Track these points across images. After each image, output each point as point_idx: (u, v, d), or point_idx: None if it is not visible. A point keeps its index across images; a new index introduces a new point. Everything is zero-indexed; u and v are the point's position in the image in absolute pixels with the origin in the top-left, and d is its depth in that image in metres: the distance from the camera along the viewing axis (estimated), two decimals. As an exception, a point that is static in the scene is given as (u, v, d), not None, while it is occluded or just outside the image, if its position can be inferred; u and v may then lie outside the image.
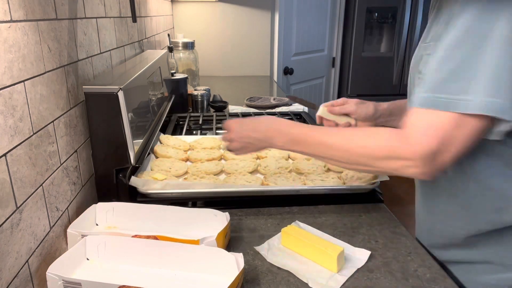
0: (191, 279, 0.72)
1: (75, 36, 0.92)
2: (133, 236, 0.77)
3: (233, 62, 2.95)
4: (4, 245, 0.60)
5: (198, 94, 1.84)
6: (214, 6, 2.80)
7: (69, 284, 0.66)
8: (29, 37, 0.70)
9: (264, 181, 1.06)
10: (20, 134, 0.66)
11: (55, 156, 0.79)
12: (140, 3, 1.66)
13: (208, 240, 0.76)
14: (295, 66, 3.18)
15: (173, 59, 1.75)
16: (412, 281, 0.73)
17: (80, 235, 0.78)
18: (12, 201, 0.63)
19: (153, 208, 0.87)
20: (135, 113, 1.07)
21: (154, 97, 1.39)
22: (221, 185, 1.03)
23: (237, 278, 0.66)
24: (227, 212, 0.84)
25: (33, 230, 0.69)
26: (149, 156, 1.19)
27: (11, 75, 0.64)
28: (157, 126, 1.34)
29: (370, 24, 3.48)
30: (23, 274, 0.66)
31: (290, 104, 1.98)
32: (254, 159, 1.22)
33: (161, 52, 1.72)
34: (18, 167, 0.65)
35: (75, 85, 0.91)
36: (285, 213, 0.97)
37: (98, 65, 1.08)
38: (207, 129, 1.59)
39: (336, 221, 0.93)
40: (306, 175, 1.10)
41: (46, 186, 0.75)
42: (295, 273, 0.75)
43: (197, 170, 1.13)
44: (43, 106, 0.75)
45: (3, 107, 0.61)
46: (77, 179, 0.91)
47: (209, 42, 2.86)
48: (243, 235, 0.88)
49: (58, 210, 0.80)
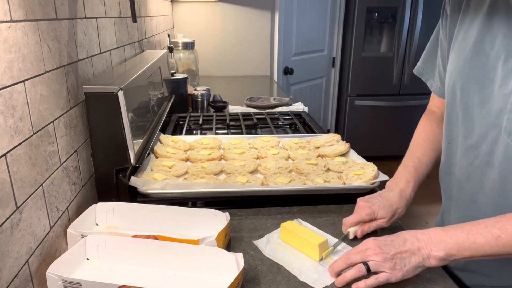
0: (191, 279, 0.72)
1: (75, 36, 0.92)
2: (133, 236, 0.77)
3: (233, 62, 2.95)
4: (4, 245, 0.60)
5: (198, 94, 1.84)
6: (214, 6, 2.80)
7: (69, 284, 0.66)
8: (29, 37, 0.70)
9: (264, 181, 1.06)
10: (20, 134, 0.66)
11: (55, 156, 0.79)
12: (140, 3, 1.66)
13: (208, 240, 0.76)
14: (295, 66, 3.18)
15: (173, 59, 1.75)
16: (412, 281, 0.73)
17: (80, 235, 0.78)
18: (12, 201, 0.63)
19: (153, 208, 0.87)
20: (135, 113, 1.07)
21: (154, 97, 1.39)
22: (221, 185, 1.03)
23: (237, 278, 0.66)
24: (227, 212, 0.84)
25: (33, 230, 0.69)
26: (149, 156, 1.19)
27: (11, 75, 0.64)
28: (157, 126, 1.34)
29: (370, 24, 3.48)
30: (23, 274, 0.66)
31: (290, 104, 1.98)
32: (254, 159, 1.22)
33: (161, 52, 1.72)
34: (18, 167, 0.65)
35: (75, 85, 0.91)
36: (285, 213, 0.97)
37: (98, 65, 1.08)
38: (207, 129, 1.59)
39: (336, 221, 0.93)
40: (306, 175, 1.10)
41: (46, 186, 0.75)
42: (289, 268, 0.76)
43: (197, 170, 1.13)
44: (43, 106, 0.75)
45: (3, 107, 0.61)
46: (77, 179, 0.91)
47: (209, 42, 2.87)
48: (243, 235, 0.88)
49: (58, 210, 0.80)
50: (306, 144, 1.33)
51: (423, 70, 0.98)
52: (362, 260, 0.70)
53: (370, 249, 0.70)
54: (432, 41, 0.94)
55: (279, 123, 1.66)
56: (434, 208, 2.83)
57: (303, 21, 3.16)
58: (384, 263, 0.68)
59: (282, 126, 1.65)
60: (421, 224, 2.82)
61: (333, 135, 1.37)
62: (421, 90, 3.48)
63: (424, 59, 0.98)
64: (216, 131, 1.55)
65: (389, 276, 0.68)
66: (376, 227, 0.85)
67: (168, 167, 1.13)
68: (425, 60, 0.97)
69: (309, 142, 1.34)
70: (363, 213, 0.84)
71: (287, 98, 2.02)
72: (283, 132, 1.59)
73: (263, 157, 1.23)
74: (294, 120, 1.66)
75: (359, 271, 0.69)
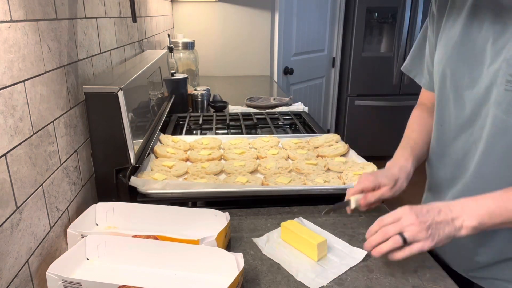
0: (191, 279, 0.72)
1: (75, 36, 0.92)
2: (133, 236, 0.77)
3: (233, 62, 2.95)
4: (4, 245, 0.60)
5: (198, 94, 1.84)
6: (214, 6, 2.80)
7: (69, 284, 0.66)
8: (29, 37, 0.70)
9: (264, 181, 1.06)
10: (20, 134, 0.66)
11: (55, 156, 0.79)
12: (140, 3, 1.66)
13: (208, 240, 0.76)
14: (295, 66, 3.18)
15: (173, 59, 1.75)
16: (412, 281, 0.73)
17: (80, 235, 0.78)
18: (12, 201, 0.63)
19: (153, 208, 0.87)
20: (135, 113, 1.07)
21: (154, 97, 1.39)
22: (221, 185, 1.03)
23: (237, 278, 0.66)
24: (227, 212, 0.84)
25: (33, 230, 0.69)
26: (149, 156, 1.19)
27: (11, 75, 0.64)
28: (157, 126, 1.34)
29: (370, 24, 3.48)
30: (23, 274, 0.66)
31: (290, 104, 1.98)
32: (254, 159, 1.22)
33: (161, 52, 1.72)
34: (18, 167, 0.65)
35: (75, 85, 0.91)
36: (285, 213, 0.97)
37: (98, 65, 1.08)
38: (207, 129, 1.59)
39: (336, 221, 0.93)
40: (306, 175, 1.10)
41: (46, 186, 0.75)
42: (287, 267, 0.77)
43: (197, 170, 1.13)
44: (43, 106, 0.75)
45: (3, 107, 0.61)
46: (77, 179, 0.91)
47: (209, 42, 2.87)
48: (243, 235, 0.88)
49: (58, 210, 0.80)
50: (306, 144, 1.33)
51: (411, 67, 1.03)
52: (399, 231, 0.70)
53: (405, 218, 0.70)
54: (419, 40, 0.99)
55: (279, 123, 1.66)
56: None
57: (303, 21, 3.16)
58: (420, 232, 0.68)
59: (282, 126, 1.65)
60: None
61: (332, 135, 1.37)
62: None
63: (411, 57, 1.02)
64: (216, 131, 1.55)
65: (422, 245, 0.69)
66: (380, 195, 0.84)
67: (168, 167, 1.13)
68: (412, 58, 1.02)
69: (309, 142, 1.34)
70: (366, 181, 0.84)
71: (287, 98, 2.02)
72: (283, 132, 1.59)
73: (263, 157, 1.23)
74: (294, 120, 1.66)
75: (395, 243, 0.69)
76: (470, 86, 0.80)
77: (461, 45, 0.81)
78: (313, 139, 1.37)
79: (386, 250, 0.70)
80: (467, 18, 0.81)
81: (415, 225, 0.68)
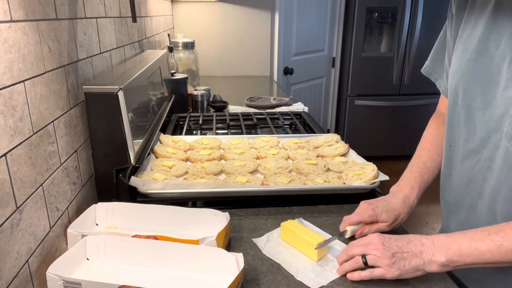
0: (191, 279, 0.72)
1: (75, 36, 0.92)
2: (133, 236, 0.77)
3: (233, 62, 2.95)
4: (4, 245, 0.60)
5: (198, 94, 1.84)
6: (214, 6, 2.80)
7: (69, 284, 0.66)
8: (29, 37, 0.70)
9: (264, 181, 1.06)
10: (20, 134, 0.66)
11: (55, 156, 0.79)
12: (140, 3, 1.66)
13: (208, 240, 0.76)
14: (295, 66, 3.18)
15: (173, 59, 1.75)
16: (412, 281, 0.73)
17: (80, 235, 0.78)
18: (12, 201, 0.63)
19: (153, 208, 0.87)
20: (135, 113, 1.07)
21: (154, 97, 1.39)
22: (221, 185, 1.03)
23: (237, 278, 0.66)
24: (227, 212, 0.84)
25: (33, 230, 0.69)
26: (149, 156, 1.19)
27: (11, 75, 0.64)
28: (157, 126, 1.34)
29: (370, 24, 3.48)
30: (23, 274, 0.66)
31: (290, 104, 1.98)
32: (254, 159, 1.22)
33: (161, 52, 1.72)
34: (18, 167, 0.65)
35: (75, 85, 0.91)
36: (285, 213, 0.97)
37: (98, 65, 1.08)
38: (207, 129, 1.59)
39: (336, 221, 0.93)
40: (306, 175, 1.10)
41: (46, 186, 0.75)
42: (287, 267, 0.77)
43: (197, 170, 1.13)
44: (43, 106, 0.75)
45: (3, 107, 0.61)
46: (77, 179, 0.91)
47: (209, 42, 2.87)
48: (243, 235, 0.88)
49: (58, 210, 0.80)
50: (306, 144, 1.33)
51: (432, 70, 0.95)
52: (362, 253, 0.71)
53: (372, 243, 0.71)
54: (440, 40, 0.92)
55: (279, 123, 1.66)
56: (434, 208, 2.83)
57: (303, 21, 3.16)
58: (383, 259, 0.69)
59: (282, 126, 1.65)
60: (421, 224, 2.82)
61: (332, 135, 1.37)
62: (421, 90, 3.49)
63: (432, 59, 0.95)
64: (216, 131, 1.55)
65: (384, 272, 0.69)
66: (377, 230, 0.83)
67: (168, 167, 1.13)
68: (433, 59, 0.94)
69: (308, 142, 1.34)
70: (365, 214, 0.83)
71: (287, 98, 2.02)
72: (283, 132, 1.59)
73: (263, 157, 1.23)
74: (294, 120, 1.66)
75: (356, 263, 0.71)
76: (482, 109, 0.73)
77: (476, 60, 0.75)
78: (313, 139, 1.37)
79: (348, 270, 0.73)
80: (486, 27, 0.74)
81: (379, 250, 0.69)
